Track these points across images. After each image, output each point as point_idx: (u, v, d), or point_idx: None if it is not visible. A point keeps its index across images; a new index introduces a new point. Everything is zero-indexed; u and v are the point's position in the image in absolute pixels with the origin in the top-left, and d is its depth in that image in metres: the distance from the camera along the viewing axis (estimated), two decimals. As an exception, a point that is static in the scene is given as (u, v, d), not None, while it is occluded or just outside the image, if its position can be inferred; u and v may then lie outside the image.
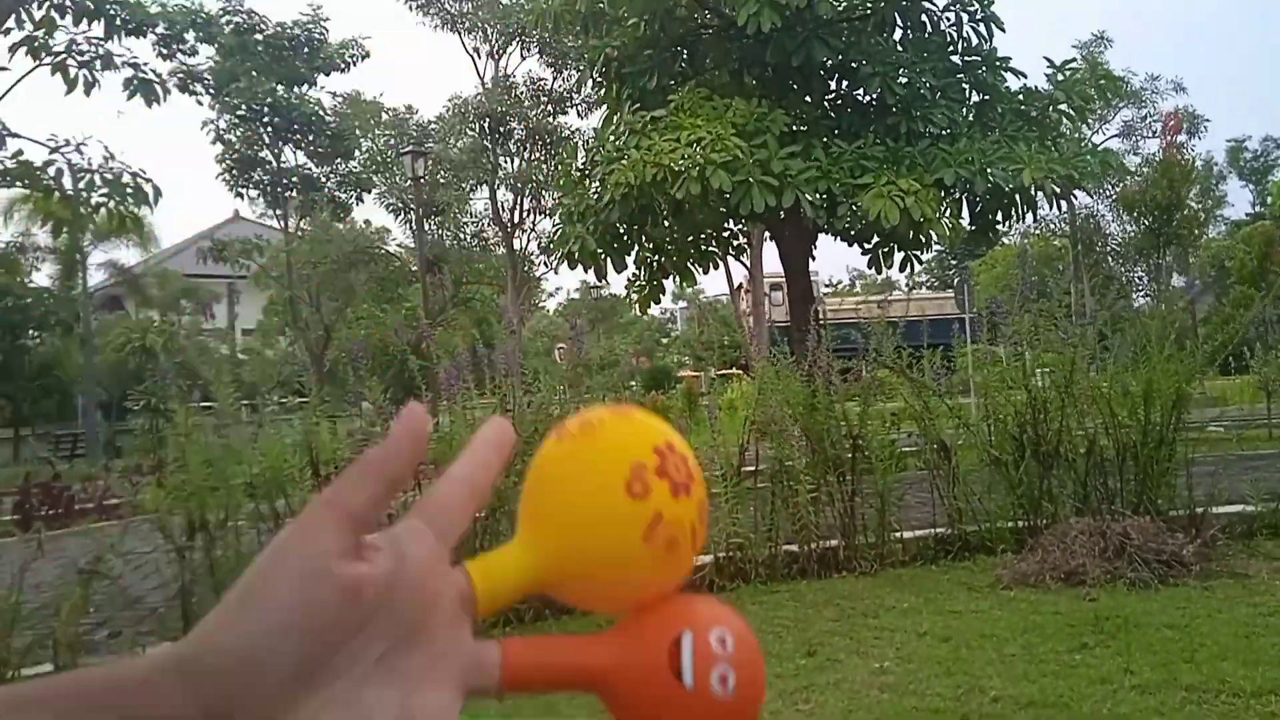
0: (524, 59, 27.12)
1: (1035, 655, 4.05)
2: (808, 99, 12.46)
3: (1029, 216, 12.64)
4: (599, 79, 13.42)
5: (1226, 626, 4.27)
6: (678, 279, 13.88)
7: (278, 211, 26.08)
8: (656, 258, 13.30)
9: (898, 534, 6.25)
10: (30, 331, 25.19)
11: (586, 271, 12.74)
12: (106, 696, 0.36)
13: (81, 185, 10.06)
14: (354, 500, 0.38)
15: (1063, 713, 3.38)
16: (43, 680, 0.37)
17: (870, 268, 12.71)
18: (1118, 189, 29.46)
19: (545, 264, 27.89)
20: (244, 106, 23.71)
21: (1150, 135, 33.07)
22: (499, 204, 27.32)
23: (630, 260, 13.06)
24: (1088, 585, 5.06)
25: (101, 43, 11.49)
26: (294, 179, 25.41)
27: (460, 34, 27.27)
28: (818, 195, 11.06)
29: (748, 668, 0.42)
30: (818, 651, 4.32)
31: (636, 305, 13.81)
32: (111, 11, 11.86)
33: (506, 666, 0.41)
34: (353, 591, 0.37)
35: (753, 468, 6.38)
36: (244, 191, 25.56)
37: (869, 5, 12.38)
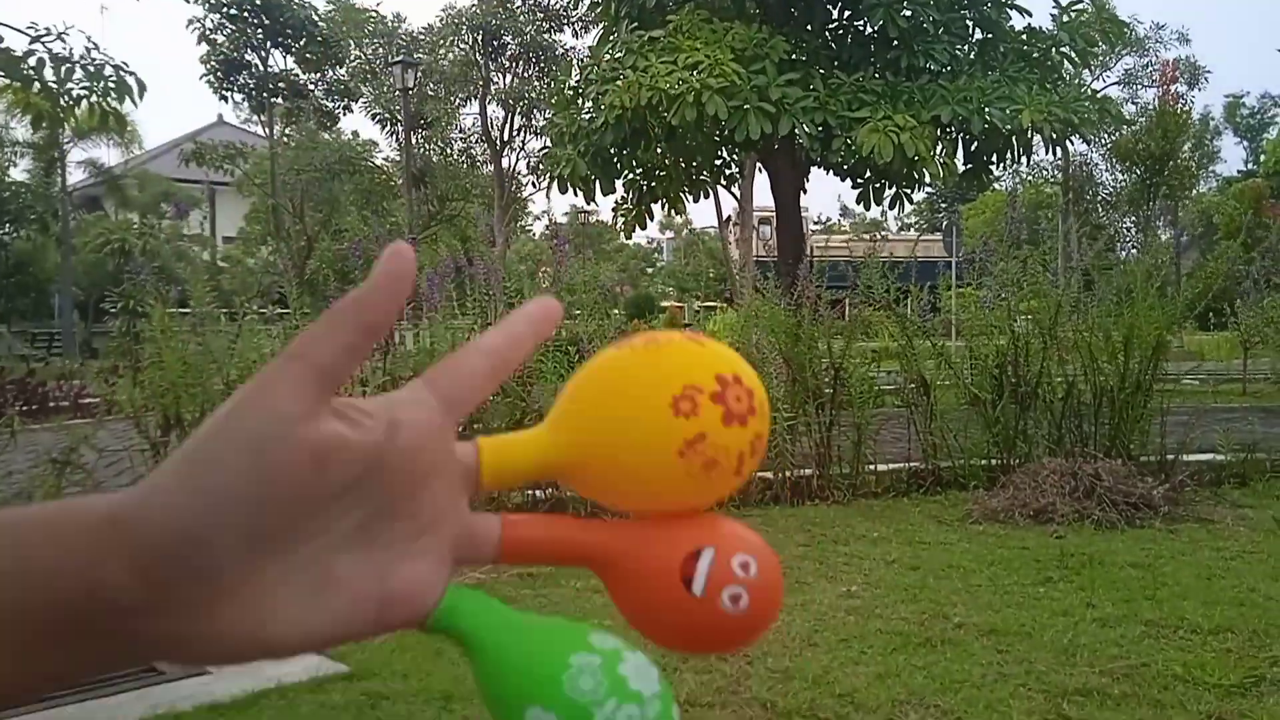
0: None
1: (1000, 587, 4.12)
2: (809, 27, 12.24)
3: (1023, 160, 12.55)
4: (597, -5, 13.14)
5: (1189, 568, 4.34)
6: (667, 205, 13.75)
7: (262, 118, 25.57)
8: (647, 183, 13.17)
9: (872, 466, 6.32)
10: (7, 226, 24.81)
11: (576, 195, 12.61)
12: (42, 548, 0.32)
13: (62, 75, 9.82)
14: (322, 352, 0.34)
15: (1024, 641, 3.45)
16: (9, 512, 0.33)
17: (859, 203, 12.63)
18: (1114, 138, 29.28)
19: (533, 184, 27.61)
20: (232, 5, 23.08)
21: (1149, 85, 32.83)
22: (489, 120, 26.90)
23: (619, 184, 12.93)
24: (1056, 523, 5.13)
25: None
26: (280, 85, 24.86)
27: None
28: (814, 126, 10.93)
29: (764, 594, 0.41)
30: (787, 574, 4.30)
31: (622, 228, 13.70)
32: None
33: (507, 535, 0.39)
34: (319, 456, 0.33)
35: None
36: (229, 95, 25.01)
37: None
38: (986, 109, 10.86)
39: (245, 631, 0.34)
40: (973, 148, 11.95)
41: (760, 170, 15.18)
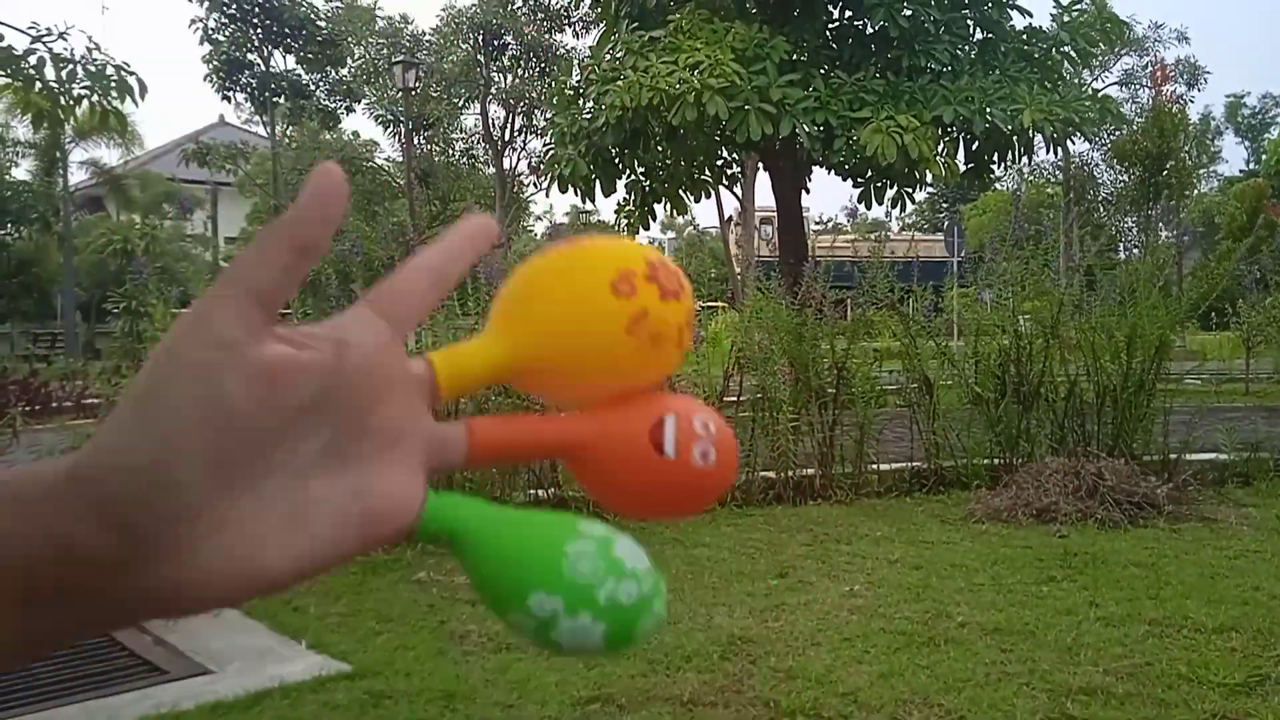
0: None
1: (1003, 586, 4.11)
2: (810, 27, 12.22)
3: (1025, 160, 12.52)
4: (597, -6, 13.12)
5: (1192, 567, 4.34)
6: (669, 206, 13.73)
7: (264, 118, 25.58)
8: (648, 183, 13.15)
9: (875, 466, 6.31)
10: (9, 226, 24.80)
11: (577, 195, 12.59)
12: (3, 516, 0.32)
13: (63, 75, 9.79)
14: (257, 276, 0.33)
15: (1027, 640, 3.44)
16: None
17: (860, 202, 12.61)
18: (1114, 138, 29.25)
19: (535, 184, 27.59)
20: (234, 4, 23.07)
21: (1147, 85, 32.77)
22: (490, 121, 26.89)
23: (621, 184, 12.90)
24: (1059, 523, 5.13)
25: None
26: (283, 85, 24.86)
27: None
28: (815, 126, 10.91)
29: (727, 448, 0.43)
30: (789, 573, 4.37)
31: (625, 229, 13.68)
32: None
33: (474, 439, 0.40)
34: (267, 378, 0.32)
35: (734, 398, 6.40)
36: (231, 95, 25.01)
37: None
38: (988, 109, 10.84)
39: (234, 568, 0.33)
40: (974, 148, 11.92)
41: (762, 170, 15.17)
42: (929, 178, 12.12)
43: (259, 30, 23.76)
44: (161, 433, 0.31)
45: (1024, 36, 12.18)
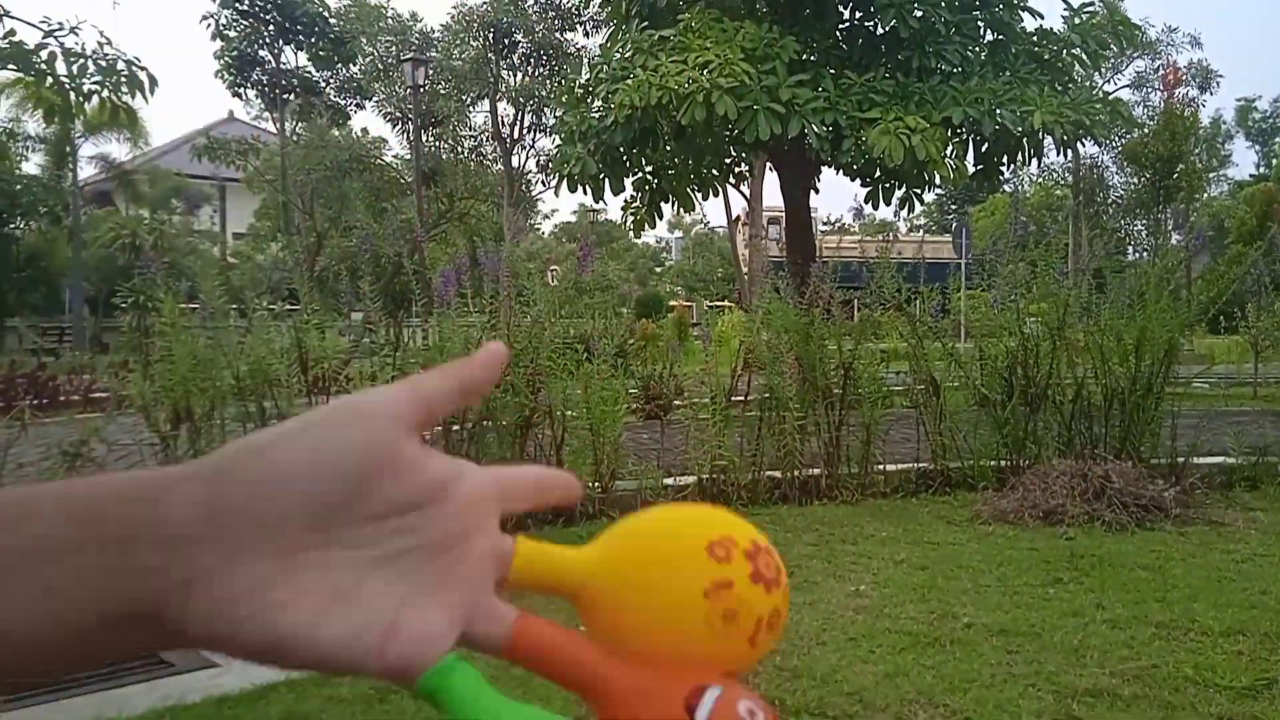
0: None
1: (1009, 587, 4.11)
2: (819, 27, 12.21)
3: (1034, 162, 12.49)
4: (608, -7, 13.12)
5: (1199, 570, 4.33)
6: (677, 205, 13.73)
7: (274, 114, 25.62)
8: (656, 182, 13.14)
9: (881, 466, 6.30)
10: (18, 220, 24.88)
11: (585, 193, 12.59)
12: (116, 495, 0.35)
13: (74, 70, 9.79)
14: (427, 384, 0.40)
15: (1033, 641, 3.43)
16: (46, 487, 0.35)
17: (867, 202, 12.59)
18: (1125, 141, 29.16)
19: (543, 183, 27.60)
20: (246, 1, 23.12)
21: (1159, 88, 32.67)
22: (499, 119, 26.91)
23: (629, 183, 12.90)
24: (1066, 525, 5.11)
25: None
26: (293, 81, 24.91)
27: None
28: (824, 127, 10.90)
29: None
30: (795, 573, 4.37)
31: (632, 227, 13.68)
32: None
33: (519, 627, 0.40)
34: (389, 450, 0.37)
35: (741, 398, 6.39)
36: (241, 91, 25.07)
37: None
38: (998, 110, 10.81)
39: (264, 607, 0.35)
40: (983, 149, 11.89)
41: (770, 169, 15.15)
42: (937, 179, 12.09)
43: (270, 27, 23.80)
44: (297, 454, 0.36)
45: (1035, 38, 12.16)
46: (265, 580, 0.35)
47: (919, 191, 12.41)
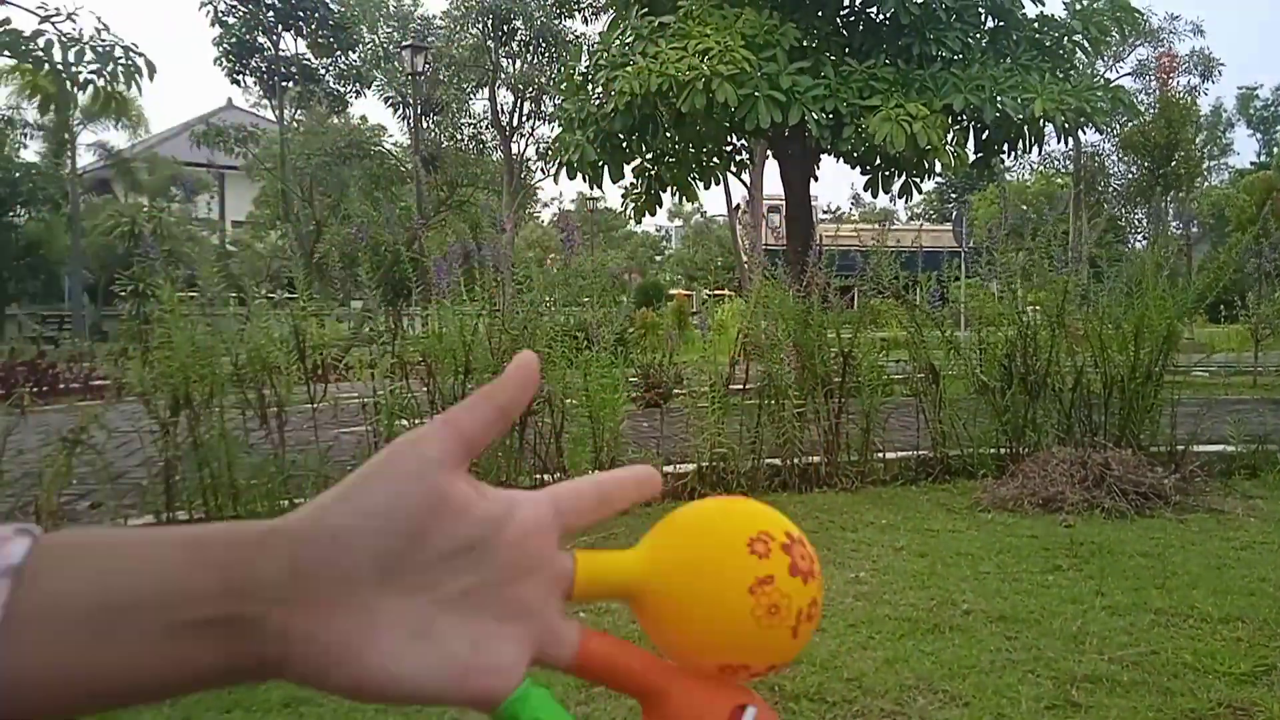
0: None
1: (1009, 574, 4.11)
2: (820, 14, 12.15)
3: (1035, 150, 12.45)
4: (608, -20, 13.06)
5: (1199, 557, 4.33)
6: (677, 192, 13.70)
7: (273, 102, 25.53)
8: (656, 169, 13.11)
9: (880, 454, 6.30)
10: (17, 208, 24.83)
11: (585, 181, 12.56)
12: (222, 552, 0.38)
13: (71, 57, 9.74)
14: (464, 419, 0.41)
15: (1033, 628, 3.44)
16: (153, 531, 0.38)
17: (866, 190, 12.57)
18: (1125, 128, 29.06)
19: (542, 170, 27.54)
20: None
21: (1155, 76, 32.52)
22: (498, 106, 26.83)
23: (629, 170, 12.87)
24: (1065, 512, 5.12)
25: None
26: (292, 68, 24.81)
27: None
28: (824, 114, 10.86)
29: None
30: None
31: (632, 214, 13.65)
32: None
33: (584, 646, 0.43)
34: (445, 505, 0.39)
35: (741, 385, 6.39)
36: (240, 78, 24.95)
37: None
38: (999, 97, 10.77)
39: (349, 654, 0.38)
40: (984, 137, 11.86)
41: (770, 157, 15.11)
42: (938, 166, 12.06)
43: (269, 13, 23.69)
44: (357, 510, 0.38)
45: (1036, 24, 12.10)
46: (347, 631, 0.38)
47: (919, 179, 12.38)
